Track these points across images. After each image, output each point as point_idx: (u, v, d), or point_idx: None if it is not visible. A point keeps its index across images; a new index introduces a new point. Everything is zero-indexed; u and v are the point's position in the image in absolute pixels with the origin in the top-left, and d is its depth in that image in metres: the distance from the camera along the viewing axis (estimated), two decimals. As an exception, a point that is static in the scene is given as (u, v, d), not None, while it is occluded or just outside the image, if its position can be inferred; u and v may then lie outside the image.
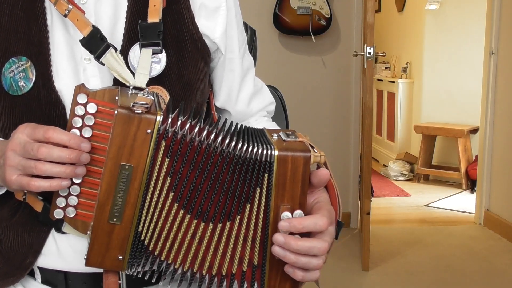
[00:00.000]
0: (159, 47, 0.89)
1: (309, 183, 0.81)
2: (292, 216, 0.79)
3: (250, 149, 0.79)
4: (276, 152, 0.79)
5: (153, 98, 0.82)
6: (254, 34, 1.19)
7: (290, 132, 0.85)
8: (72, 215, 0.83)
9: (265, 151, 0.79)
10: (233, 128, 0.83)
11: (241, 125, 0.87)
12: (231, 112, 1.07)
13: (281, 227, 0.77)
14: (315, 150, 0.81)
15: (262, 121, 1.09)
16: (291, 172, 0.79)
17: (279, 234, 0.77)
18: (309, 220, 0.78)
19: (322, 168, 0.82)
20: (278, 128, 1.07)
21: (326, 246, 0.78)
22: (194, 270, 0.84)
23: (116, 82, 0.89)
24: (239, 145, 0.79)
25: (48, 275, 0.93)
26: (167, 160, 0.80)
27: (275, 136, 0.84)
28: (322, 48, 3.89)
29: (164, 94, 0.89)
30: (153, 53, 0.89)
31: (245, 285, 0.84)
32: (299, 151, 0.79)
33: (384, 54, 4.02)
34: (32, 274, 0.94)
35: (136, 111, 0.78)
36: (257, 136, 0.84)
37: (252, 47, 1.17)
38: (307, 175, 0.79)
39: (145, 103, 0.78)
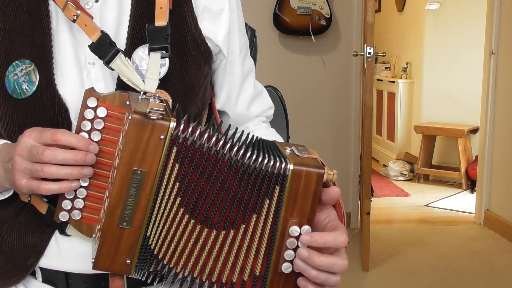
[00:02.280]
0: (167, 52, 0.88)
1: (320, 200, 0.81)
2: (300, 232, 0.79)
3: (260, 159, 0.80)
4: (291, 166, 0.79)
5: (164, 104, 0.82)
6: (254, 34, 1.19)
7: (302, 148, 0.86)
8: (78, 218, 0.84)
9: (278, 164, 0.79)
10: (248, 138, 0.83)
11: (254, 135, 0.86)
12: (230, 114, 1.07)
13: (302, 241, 0.78)
14: (326, 167, 0.81)
15: (261, 127, 1.09)
16: (303, 187, 0.79)
17: (303, 248, 0.78)
18: (330, 236, 0.79)
19: (334, 187, 0.83)
20: (280, 137, 1.07)
21: (346, 264, 0.79)
22: (194, 276, 0.84)
23: (119, 86, 0.89)
24: (248, 154, 0.80)
25: (49, 274, 0.93)
26: (177, 165, 0.80)
27: (288, 150, 0.84)
28: (322, 48, 3.89)
29: (166, 98, 0.89)
30: (161, 57, 0.88)
31: None
32: (313, 167, 0.79)
33: (384, 54, 4.03)
34: (33, 273, 0.94)
35: (152, 117, 0.78)
36: (271, 148, 0.85)
37: (252, 47, 1.17)
38: (319, 191, 0.80)
39: (161, 109, 0.79)
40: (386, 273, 3.28)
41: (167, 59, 0.90)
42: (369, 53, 3.18)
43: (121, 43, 0.91)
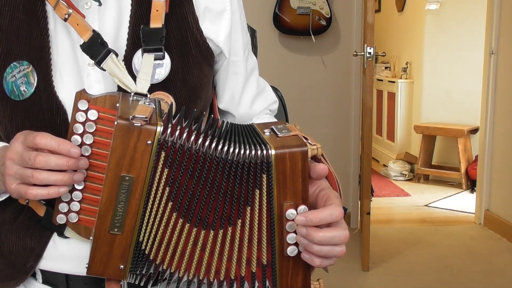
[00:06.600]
0: (161, 53, 0.88)
1: (309, 177, 0.80)
2: (297, 213, 0.79)
3: (242, 152, 0.79)
4: (273, 151, 0.78)
5: (154, 107, 0.81)
6: (254, 34, 1.19)
7: (281, 126, 0.84)
8: (75, 221, 0.83)
9: (259, 152, 0.78)
10: (227, 130, 0.83)
11: (232, 125, 0.86)
12: (234, 114, 1.07)
13: (297, 222, 0.77)
14: (309, 141, 0.81)
15: (264, 119, 1.08)
16: (290, 169, 0.78)
17: (301, 226, 0.77)
18: (324, 212, 0.77)
19: (319, 164, 0.82)
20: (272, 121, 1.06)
21: (347, 234, 0.79)
22: (201, 277, 0.84)
23: (121, 88, 0.88)
24: (231, 149, 0.79)
25: (49, 276, 0.93)
26: (166, 170, 0.80)
27: (267, 132, 0.83)
28: (322, 48, 3.89)
29: (170, 100, 0.88)
30: (155, 59, 0.88)
31: (256, 284, 0.84)
32: (295, 147, 0.79)
33: (384, 54, 4.02)
34: (33, 275, 0.94)
35: (135, 124, 0.77)
36: (250, 135, 0.83)
37: (252, 47, 1.17)
38: (307, 169, 0.79)
39: (144, 116, 0.78)
40: (386, 273, 3.28)
41: (167, 62, 0.89)
42: (369, 53, 3.18)
43: (122, 44, 0.90)
